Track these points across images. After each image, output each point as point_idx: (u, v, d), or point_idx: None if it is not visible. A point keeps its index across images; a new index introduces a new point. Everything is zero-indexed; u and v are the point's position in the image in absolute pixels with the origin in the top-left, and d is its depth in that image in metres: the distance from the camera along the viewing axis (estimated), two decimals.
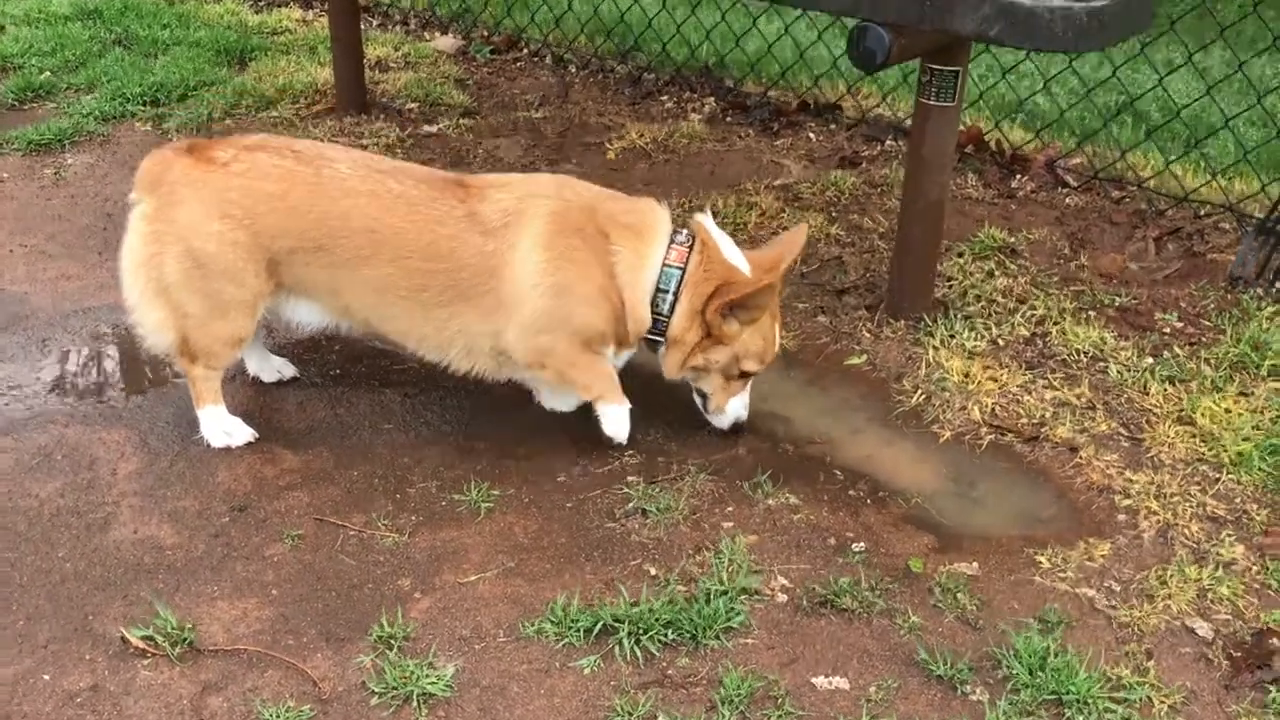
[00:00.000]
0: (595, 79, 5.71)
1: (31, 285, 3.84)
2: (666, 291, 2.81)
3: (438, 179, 2.88)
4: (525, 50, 6.13)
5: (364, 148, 4.79)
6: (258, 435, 3.06)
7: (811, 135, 5.05)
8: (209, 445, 3.03)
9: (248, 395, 3.26)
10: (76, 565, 2.66)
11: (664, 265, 2.81)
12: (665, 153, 4.91)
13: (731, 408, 2.99)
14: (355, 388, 3.32)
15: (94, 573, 2.65)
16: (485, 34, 6.27)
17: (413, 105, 5.36)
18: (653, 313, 2.83)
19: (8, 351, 3.46)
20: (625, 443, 2.98)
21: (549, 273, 2.75)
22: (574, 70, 5.84)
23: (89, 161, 4.73)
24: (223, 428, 3.04)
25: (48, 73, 5.63)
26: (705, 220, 2.88)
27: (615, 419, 2.94)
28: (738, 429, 3.04)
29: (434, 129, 5.10)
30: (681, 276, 2.81)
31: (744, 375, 2.95)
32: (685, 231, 2.88)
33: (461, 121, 5.14)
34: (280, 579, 2.63)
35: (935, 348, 3.44)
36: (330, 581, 2.62)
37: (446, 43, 6.25)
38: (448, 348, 2.89)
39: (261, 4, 6.88)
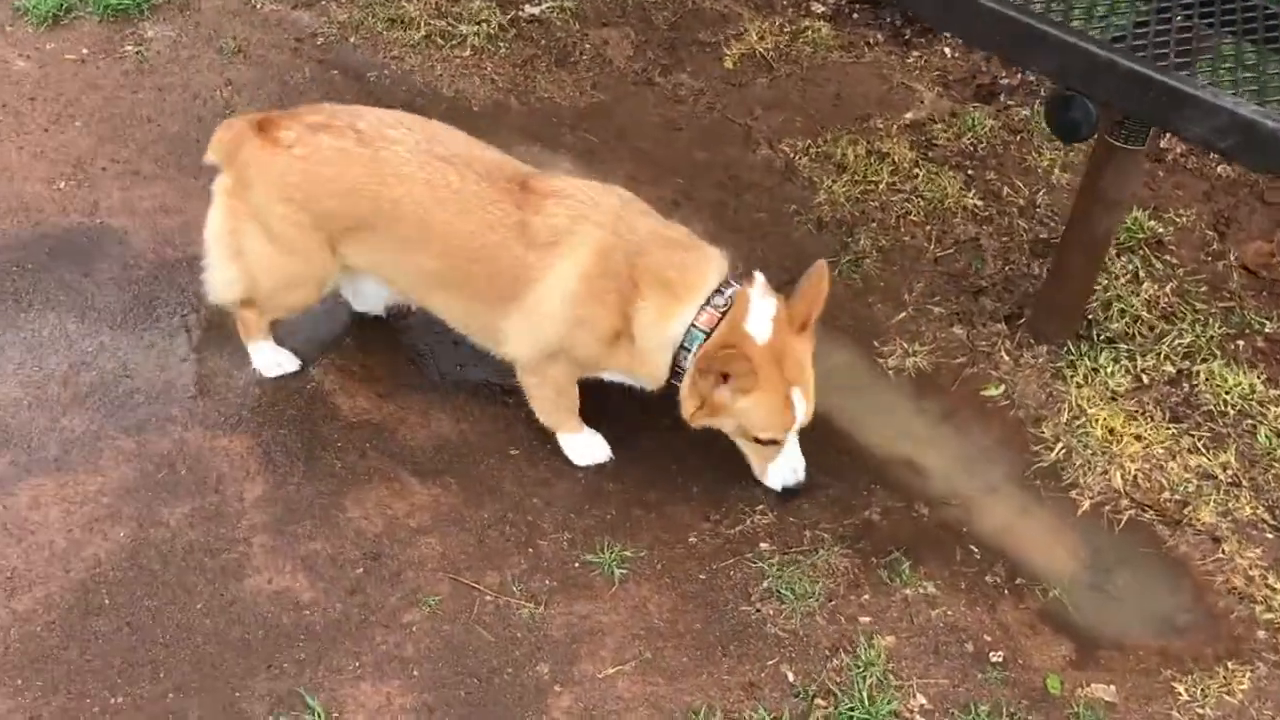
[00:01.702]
0: None
1: (130, 218, 3.66)
2: (689, 351, 2.73)
3: (500, 177, 2.77)
4: None
5: (463, 38, 4.45)
6: (301, 364, 3.22)
7: (947, 50, 4.64)
8: (261, 374, 3.20)
9: (370, 401, 3.17)
10: (216, 622, 2.67)
11: (692, 325, 2.72)
12: (787, 63, 4.55)
13: (773, 473, 2.88)
14: (477, 397, 3.22)
15: (233, 633, 2.66)
16: None
17: None
18: (679, 368, 2.76)
19: (117, 314, 3.35)
20: (592, 464, 3.06)
21: (576, 305, 2.73)
22: None
23: (171, 36, 4.41)
24: (275, 359, 3.19)
25: None
26: (752, 286, 2.75)
27: (572, 447, 3.06)
28: (791, 492, 2.92)
29: (537, 10, 4.71)
30: (705, 339, 2.71)
31: (769, 442, 2.80)
32: (730, 292, 2.75)
33: (565, 3, 4.73)
34: (420, 654, 2.64)
35: (1079, 385, 3.30)
36: (469, 662, 2.64)
37: None
38: (482, 335, 2.94)
39: None
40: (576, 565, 2.84)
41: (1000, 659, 2.71)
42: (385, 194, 2.75)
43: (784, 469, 2.84)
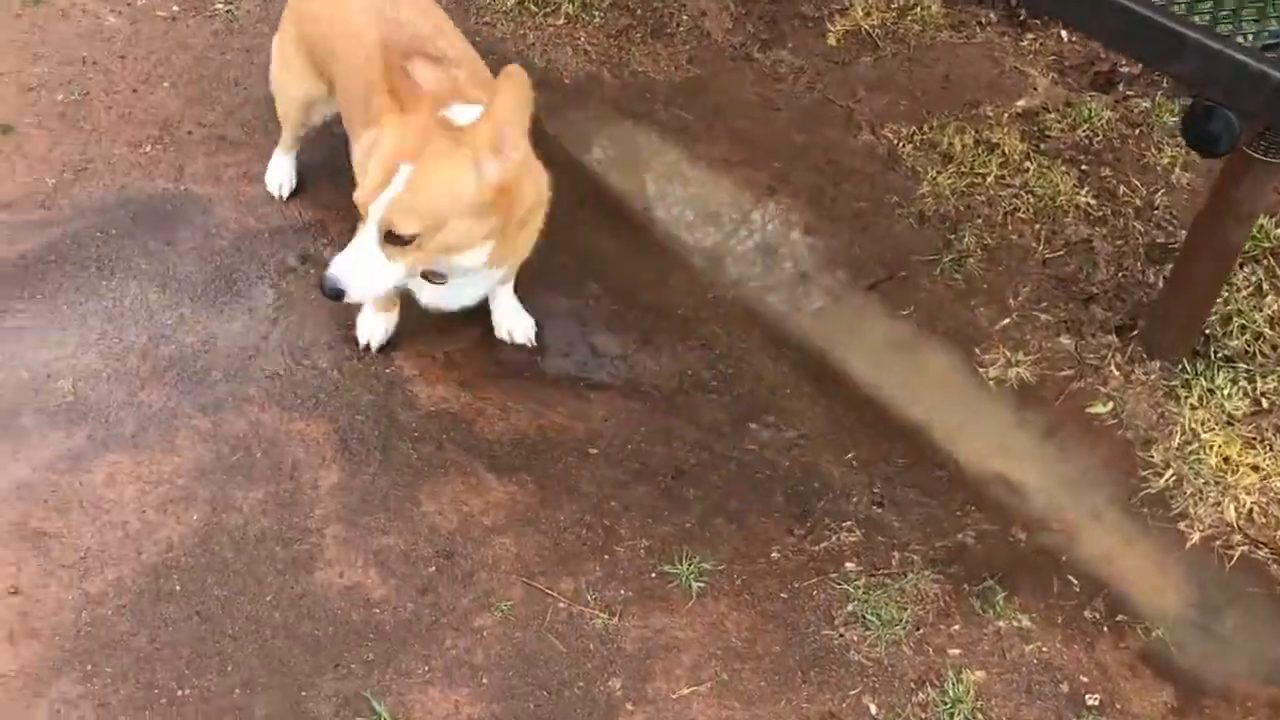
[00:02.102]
0: None
1: (215, 187, 3.61)
2: None
3: (397, 45, 2.70)
4: None
5: (557, 6, 4.33)
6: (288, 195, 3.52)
7: (1064, 33, 4.39)
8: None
9: (449, 390, 3.08)
10: (285, 616, 2.62)
11: None
12: (894, 42, 4.33)
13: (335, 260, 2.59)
14: (560, 390, 3.12)
15: (303, 629, 2.61)
16: None
17: None
18: None
19: (198, 286, 3.30)
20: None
21: None
22: None
23: None
24: (275, 175, 3.53)
25: None
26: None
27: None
28: (322, 288, 2.55)
29: None
30: None
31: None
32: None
33: None
34: (490, 662, 2.57)
35: (1193, 406, 3.10)
36: (540, 672, 2.56)
37: None
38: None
39: None
40: (653, 575, 2.74)
41: (1097, 702, 2.57)
42: (338, 30, 2.94)
43: (339, 257, 2.50)
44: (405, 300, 3.13)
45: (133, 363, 3.10)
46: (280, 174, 3.52)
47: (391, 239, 2.43)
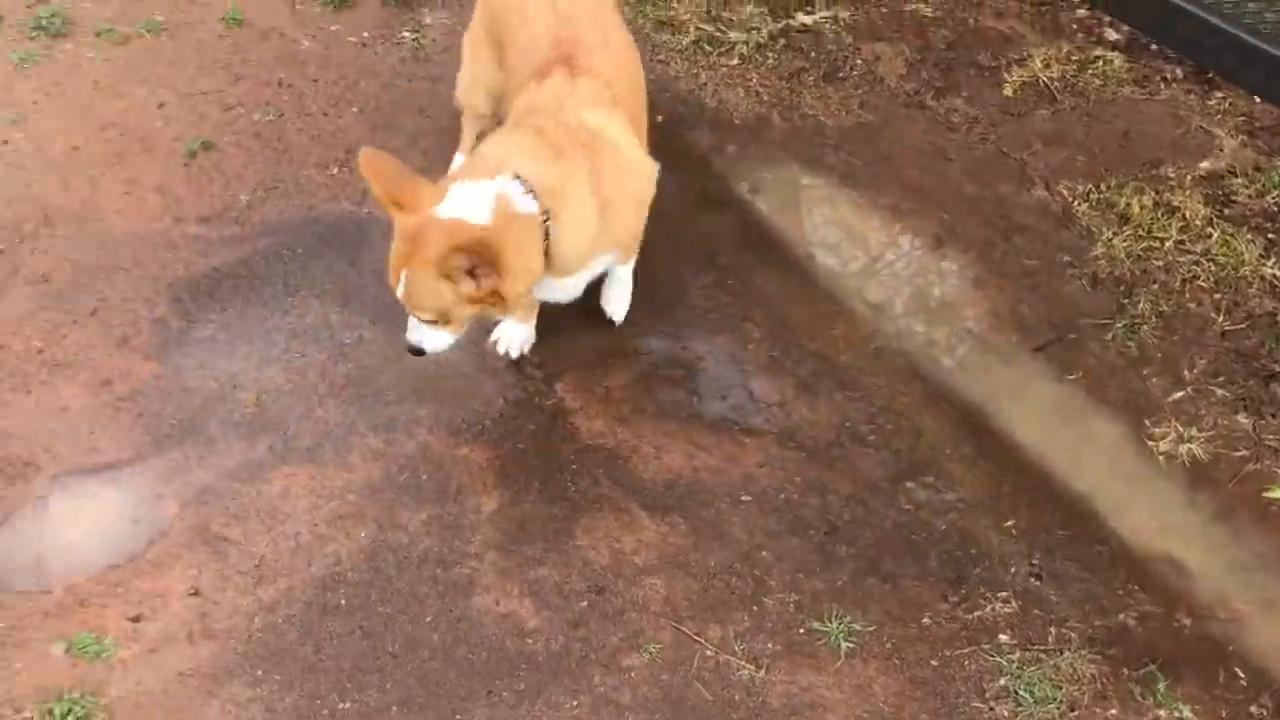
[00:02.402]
0: None
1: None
2: None
3: (561, 43, 2.94)
4: None
5: (731, 46, 4.36)
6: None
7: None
8: None
9: (608, 425, 3.14)
10: (443, 638, 2.71)
11: None
12: (1073, 95, 4.25)
13: None
14: (715, 433, 3.15)
15: (459, 652, 2.69)
16: None
17: None
18: None
19: (376, 307, 3.44)
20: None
21: None
22: None
23: (447, 24, 4.48)
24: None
25: None
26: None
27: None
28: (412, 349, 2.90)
29: (809, 20, 4.55)
30: None
31: None
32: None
33: (839, 13, 4.55)
34: (636, 703, 2.61)
35: None
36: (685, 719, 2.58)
37: None
38: None
39: None
40: (801, 631, 2.74)
41: None
42: (512, 16, 3.06)
43: (409, 328, 2.85)
44: (571, 331, 3.22)
45: (312, 379, 3.25)
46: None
47: (431, 321, 2.72)
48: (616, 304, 3.39)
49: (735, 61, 4.34)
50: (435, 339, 2.79)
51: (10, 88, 4.11)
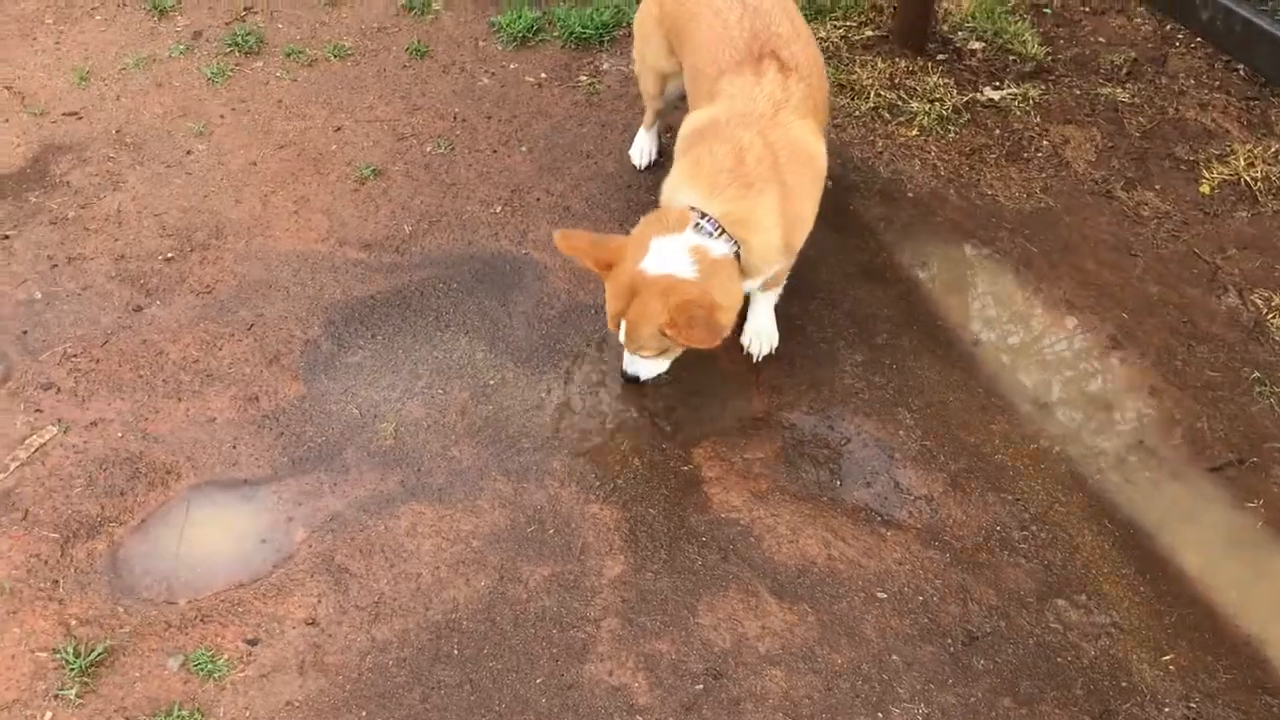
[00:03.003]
0: (1203, 47, 4.64)
1: (552, 255, 3.72)
2: None
3: (757, 39, 3.04)
4: None
5: (912, 116, 4.22)
6: (652, 162, 3.95)
7: None
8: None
9: (743, 500, 3.02)
10: (551, 703, 2.63)
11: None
12: (1277, 198, 3.96)
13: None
14: (855, 522, 3.00)
15: None
16: None
17: (977, 46, 4.62)
18: None
19: (523, 351, 3.41)
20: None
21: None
22: (1178, 19, 4.78)
23: (623, 71, 4.46)
24: (639, 145, 3.97)
25: None
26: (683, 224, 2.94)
27: None
28: (623, 377, 3.14)
29: (997, 95, 4.38)
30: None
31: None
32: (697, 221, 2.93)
33: (1030, 91, 4.37)
34: None
35: None
36: None
37: None
38: None
39: None
40: None
41: None
42: (691, 7, 3.19)
43: (625, 360, 3.07)
44: (714, 394, 3.12)
45: (451, 417, 3.22)
46: (643, 146, 3.94)
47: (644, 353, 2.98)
48: (758, 339, 3.34)
49: (914, 132, 4.20)
50: (652, 367, 3.06)
51: (201, 100, 4.25)
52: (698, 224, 2.85)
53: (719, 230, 2.86)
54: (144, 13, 4.65)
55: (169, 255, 3.67)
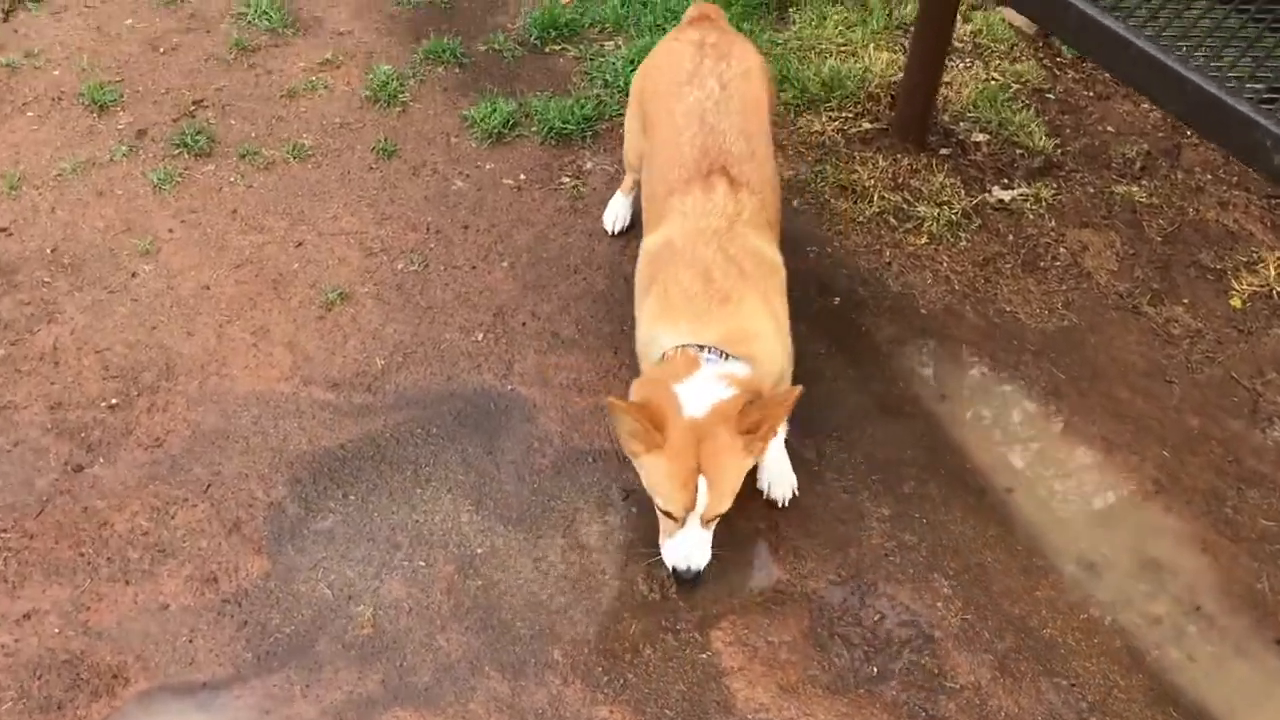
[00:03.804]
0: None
1: (543, 391, 3.37)
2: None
3: (708, 158, 2.94)
4: None
5: (920, 221, 3.92)
6: (625, 228, 3.81)
7: None
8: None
9: (770, 696, 2.69)
10: None
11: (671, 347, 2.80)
12: None
13: (668, 549, 2.73)
14: (896, 717, 2.66)
15: None
16: None
17: (981, 138, 4.35)
18: None
19: (513, 508, 3.07)
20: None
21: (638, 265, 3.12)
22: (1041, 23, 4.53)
23: (608, 171, 4.13)
24: (613, 210, 3.83)
25: None
26: (708, 357, 2.68)
27: None
28: (682, 579, 2.74)
29: (1007, 197, 4.10)
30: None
31: (667, 513, 2.66)
32: (708, 355, 2.70)
33: (1041, 191, 4.10)
34: None
35: None
36: None
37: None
38: None
39: None
40: None
41: None
42: (660, 103, 3.10)
43: (677, 550, 2.70)
44: (732, 562, 2.80)
45: (436, 596, 2.87)
46: (617, 211, 3.81)
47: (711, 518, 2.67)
48: (778, 483, 3.09)
49: (923, 241, 3.91)
50: (707, 546, 2.73)
51: (146, 211, 3.86)
52: (706, 358, 2.65)
53: (724, 355, 2.66)
54: (82, 108, 4.25)
55: (113, 401, 3.28)
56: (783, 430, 3.09)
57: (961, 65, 4.67)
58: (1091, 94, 4.62)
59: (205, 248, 3.76)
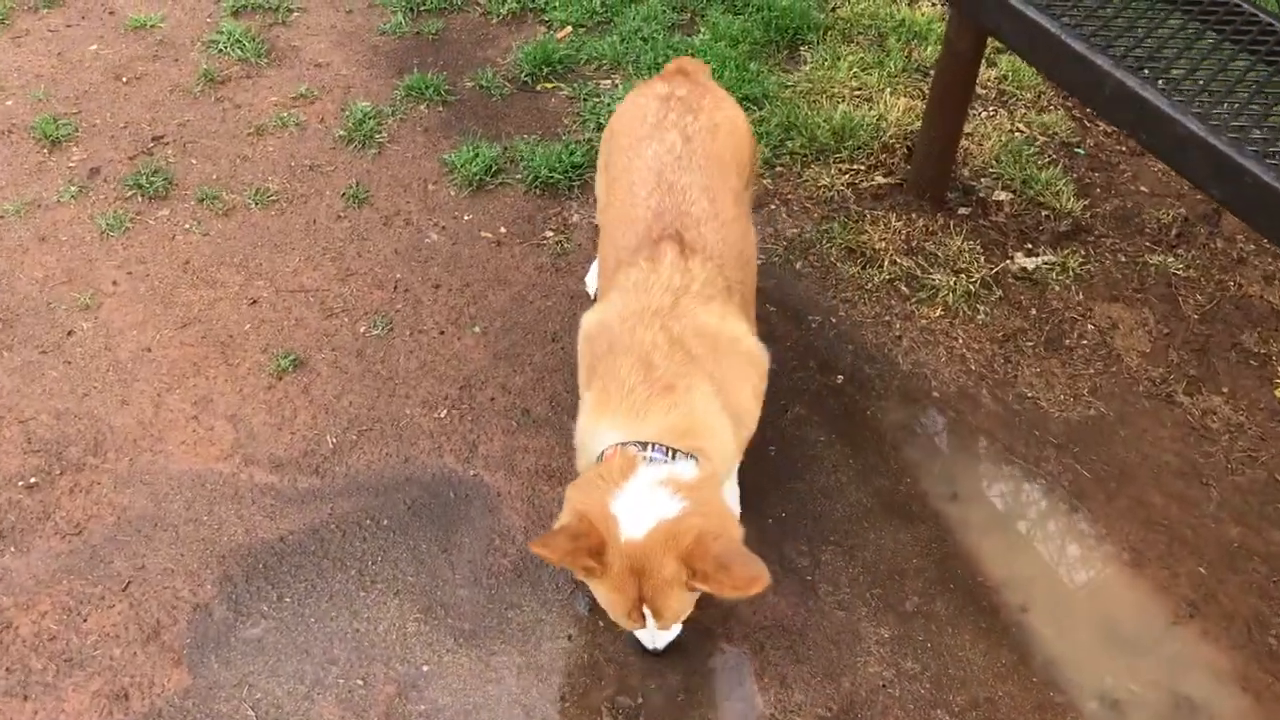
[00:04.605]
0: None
1: (508, 478, 3.04)
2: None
3: (663, 222, 2.58)
4: None
5: (934, 291, 3.58)
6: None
7: None
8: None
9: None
10: None
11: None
12: None
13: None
14: None
15: None
16: None
17: (1004, 197, 3.99)
18: None
19: (466, 617, 2.74)
20: None
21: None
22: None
23: (592, 222, 3.80)
24: (596, 279, 3.31)
25: (568, 29, 4.65)
26: (650, 456, 2.30)
27: None
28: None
29: (1031, 266, 3.74)
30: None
31: None
32: (649, 454, 2.30)
33: (1069, 261, 3.74)
34: None
35: None
36: None
37: None
38: None
39: None
40: None
41: None
42: (619, 159, 2.78)
43: (644, 636, 2.50)
44: (697, 686, 2.45)
45: None
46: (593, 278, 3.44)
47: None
48: None
49: (938, 313, 3.55)
50: (672, 635, 2.55)
51: (91, 261, 3.55)
52: (647, 458, 2.28)
53: (670, 452, 2.29)
54: (33, 142, 3.94)
55: (32, 480, 2.96)
56: (733, 477, 2.81)
57: (984, 114, 4.33)
58: (1124, 149, 4.27)
59: (151, 303, 3.44)
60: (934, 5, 4.90)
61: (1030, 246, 3.83)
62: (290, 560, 2.83)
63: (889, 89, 4.37)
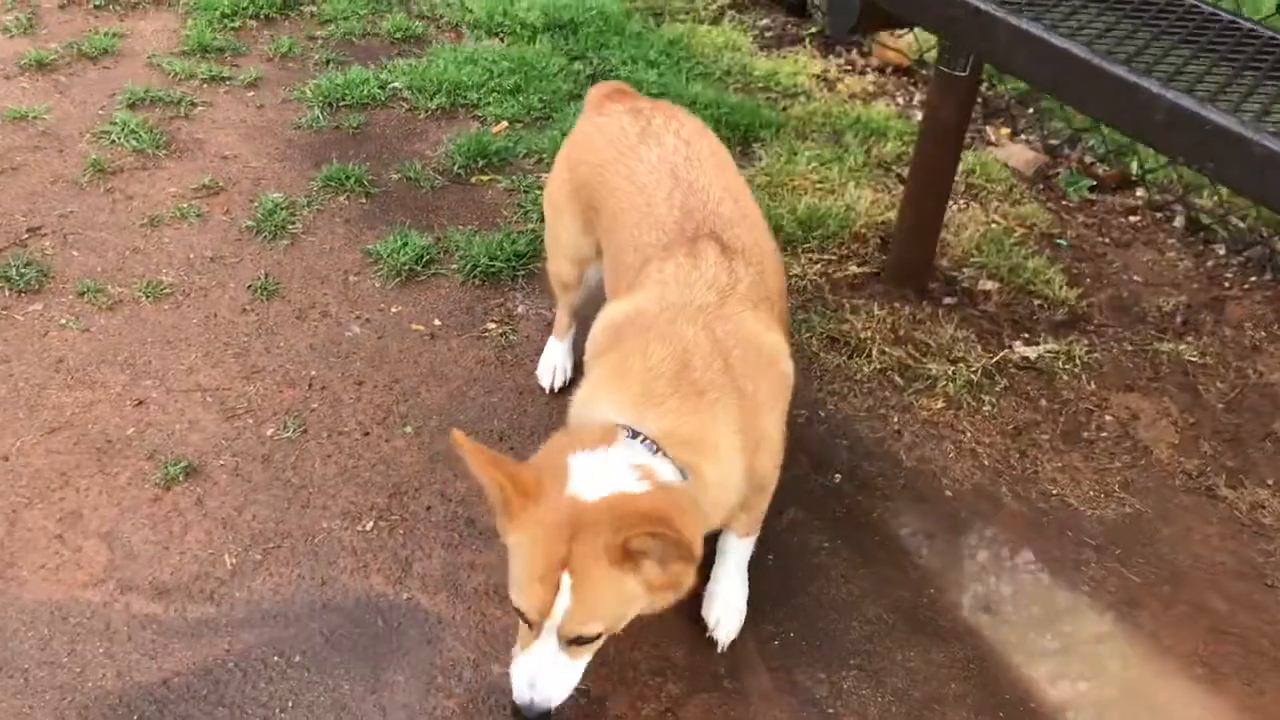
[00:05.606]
0: (1259, 289, 3.74)
1: (451, 602, 2.46)
2: None
3: (693, 220, 2.33)
4: (1142, 198, 4.21)
5: (931, 381, 3.15)
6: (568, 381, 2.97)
7: None
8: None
9: None
10: None
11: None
12: None
13: (515, 670, 1.99)
14: None
15: None
16: (1081, 157, 4.39)
17: (990, 286, 3.62)
18: None
19: None
20: None
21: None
22: (1222, 254, 3.89)
23: (544, 315, 3.32)
24: (550, 362, 3.05)
25: (504, 124, 4.26)
26: (621, 439, 2.01)
27: None
28: (519, 714, 1.96)
29: (1032, 353, 3.35)
30: None
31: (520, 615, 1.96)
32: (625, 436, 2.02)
33: (1073, 348, 3.35)
34: None
35: None
36: None
37: (1021, 155, 4.43)
38: None
39: (769, 37, 5.27)
40: None
41: None
42: (608, 173, 2.49)
43: (523, 673, 1.96)
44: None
45: None
46: (555, 361, 3.04)
47: (576, 641, 1.95)
48: (725, 619, 2.44)
49: (939, 404, 3.12)
50: (567, 677, 1.99)
51: None
52: (630, 440, 2.01)
53: (657, 450, 2.01)
54: None
55: None
56: (750, 543, 2.45)
57: (956, 207, 4.00)
58: (1108, 240, 3.96)
59: (13, 407, 2.85)
60: (889, 105, 4.66)
61: (1028, 335, 3.45)
62: (175, 709, 2.20)
63: (852, 181, 4.05)
